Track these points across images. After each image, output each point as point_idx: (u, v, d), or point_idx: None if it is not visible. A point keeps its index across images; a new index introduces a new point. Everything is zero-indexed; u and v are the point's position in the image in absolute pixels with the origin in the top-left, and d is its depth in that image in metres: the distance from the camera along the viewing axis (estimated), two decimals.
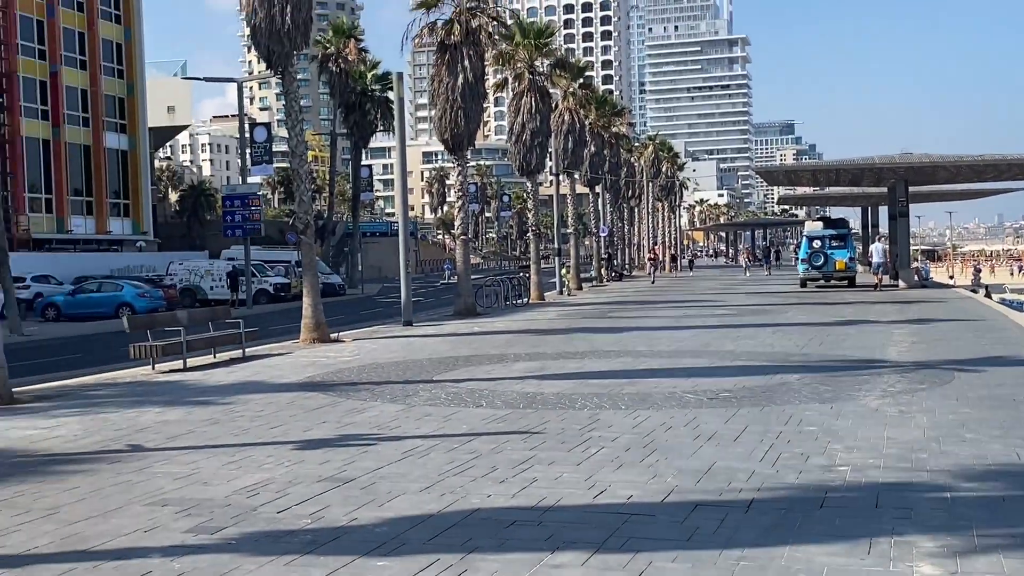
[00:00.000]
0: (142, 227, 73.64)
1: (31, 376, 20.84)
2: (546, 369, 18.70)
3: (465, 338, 26.30)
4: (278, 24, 25.17)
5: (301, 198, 28.06)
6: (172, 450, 11.71)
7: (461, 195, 38.38)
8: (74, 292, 47.17)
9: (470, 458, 10.55)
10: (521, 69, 44.75)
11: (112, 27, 71.02)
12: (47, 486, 9.97)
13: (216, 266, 55.47)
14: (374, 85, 66.88)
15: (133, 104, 72.62)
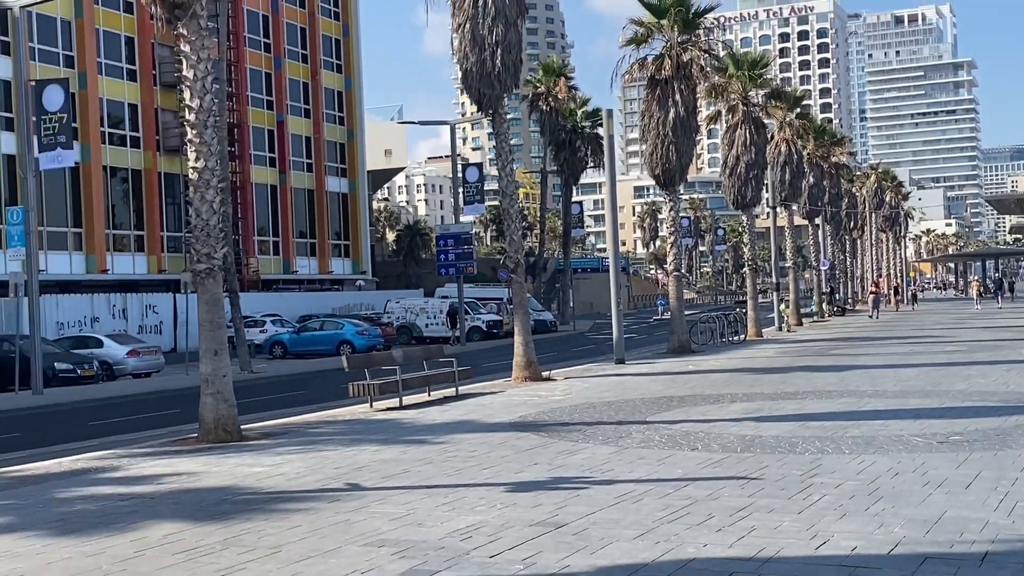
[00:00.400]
0: (361, 266, 75.77)
1: (258, 413, 21.63)
2: (764, 410, 18.17)
3: (679, 377, 25.78)
4: (488, 68, 25.52)
5: (512, 236, 28.30)
6: (388, 489, 11.84)
7: (673, 230, 37.96)
8: (299, 330, 48.75)
9: (685, 504, 10.29)
10: (735, 101, 43.95)
11: (334, 77, 73.60)
12: (271, 524, 10.22)
13: (431, 304, 56.52)
14: (584, 122, 67.09)
15: (353, 149, 74.97)
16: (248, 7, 64.17)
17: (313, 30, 71.29)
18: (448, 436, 16.16)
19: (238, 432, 16.85)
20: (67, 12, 53.12)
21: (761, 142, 44.81)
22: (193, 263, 17.22)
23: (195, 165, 17.07)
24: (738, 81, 43.71)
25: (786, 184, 52.30)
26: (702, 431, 15.64)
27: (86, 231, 54.90)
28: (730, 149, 44.09)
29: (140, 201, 58.67)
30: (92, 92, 54.60)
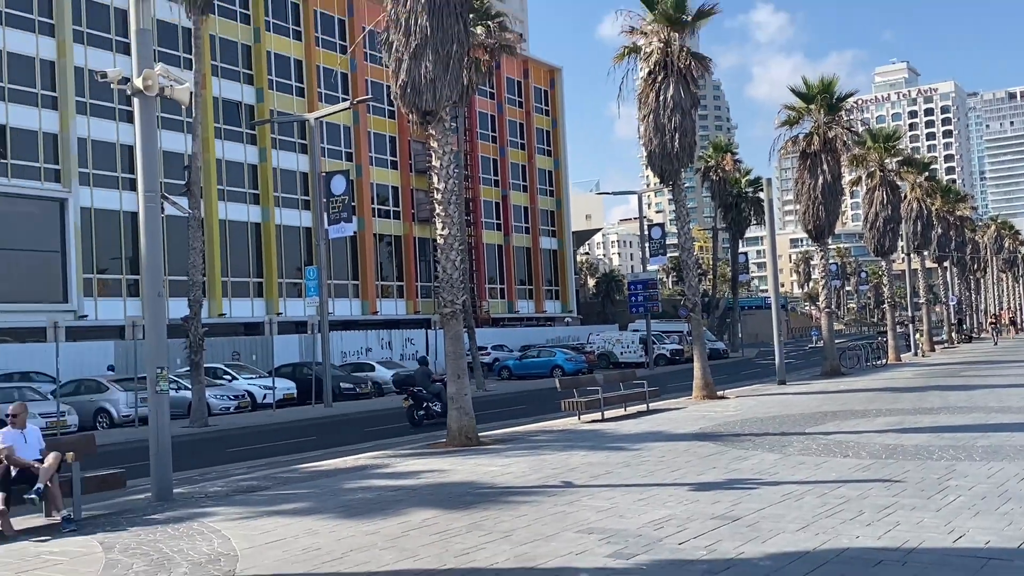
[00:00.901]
0: (568, 307, 76.17)
1: (491, 423, 21.92)
2: (904, 423, 17.36)
3: (832, 395, 24.93)
4: (668, 149, 25.40)
5: (690, 282, 28.03)
6: (595, 487, 11.83)
7: (824, 274, 36.88)
8: (521, 357, 49.30)
9: (839, 503, 9.92)
10: (872, 168, 43.02)
11: (545, 159, 74.61)
12: (503, 513, 10.35)
13: (624, 336, 56.24)
14: (747, 188, 66.03)
15: (560, 215, 75.69)
16: (480, 109, 65.78)
17: (529, 125, 72.56)
18: (642, 444, 16.03)
19: (476, 438, 17.13)
20: (347, 120, 55.64)
21: (896, 201, 43.68)
22: (441, 307, 17.69)
23: (441, 232, 17.58)
24: (875, 152, 42.96)
25: (918, 234, 50.88)
26: (852, 441, 15.05)
27: (361, 283, 57.10)
28: (870, 207, 43.01)
29: (400, 259, 60.71)
30: (365, 179, 56.94)
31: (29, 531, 10.59)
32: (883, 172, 43.05)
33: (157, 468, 12.70)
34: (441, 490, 12.15)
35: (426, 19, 16.26)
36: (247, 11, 51.93)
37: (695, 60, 25.76)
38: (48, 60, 43.07)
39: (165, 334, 13.41)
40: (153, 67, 12.76)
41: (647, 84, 25.76)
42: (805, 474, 11.93)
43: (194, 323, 27.26)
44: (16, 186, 40.98)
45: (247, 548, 9.14)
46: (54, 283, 42.00)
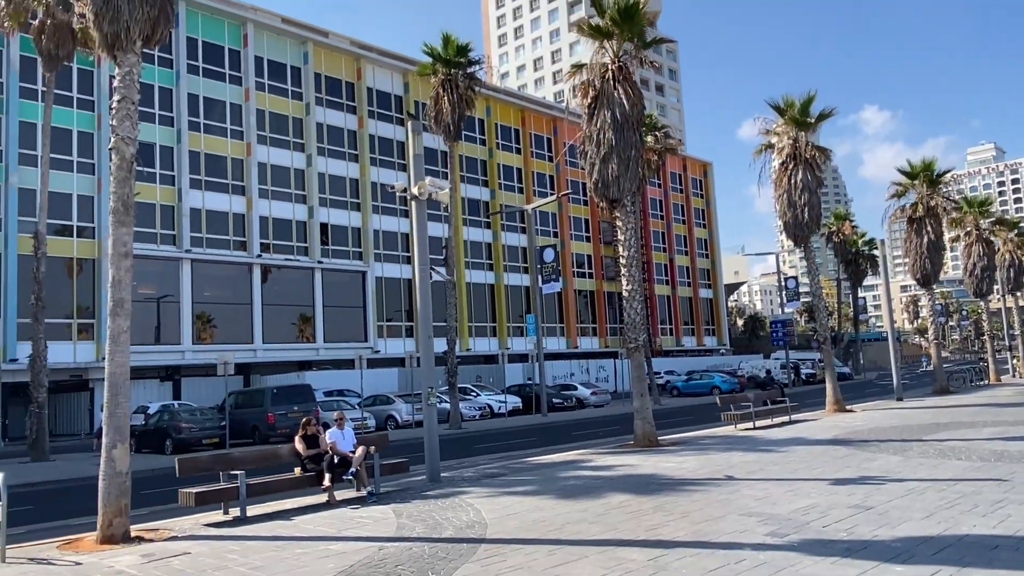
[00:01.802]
0: (722, 341, 73.35)
1: (665, 430, 21.30)
2: (1009, 432, 15.51)
3: (942, 410, 22.63)
4: (800, 220, 24.19)
5: (820, 320, 26.36)
6: (751, 480, 11.26)
7: (932, 313, 33.82)
8: (687, 379, 47.82)
9: (956, 497, 8.97)
10: (969, 228, 39.08)
11: (701, 230, 72.79)
12: (680, 498, 10.03)
13: (768, 364, 53.55)
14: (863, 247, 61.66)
15: (714, 272, 73.41)
16: (650, 195, 65.15)
17: (688, 205, 71.14)
18: (787, 447, 15.13)
19: (656, 441, 16.73)
20: (554, 208, 56.55)
21: (990, 253, 39.48)
22: (627, 343, 17.49)
23: (626, 288, 17.45)
24: (970, 215, 39.08)
25: (1011, 279, 45.60)
26: (964, 446, 13.58)
27: (565, 325, 57.36)
28: (968, 259, 39.06)
29: (593, 308, 60.58)
30: (567, 250, 57.47)
31: (346, 501, 11.21)
32: (978, 231, 39.09)
33: (429, 458, 13.15)
34: (632, 479, 11.93)
35: (612, 134, 16.39)
36: (483, 136, 54.07)
37: (818, 151, 24.50)
38: (354, 178, 46.42)
39: (433, 363, 13.96)
40: (424, 180, 13.50)
41: (781, 171, 24.70)
42: (925, 473, 10.88)
43: (451, 356, 28.21)
44: (335, 264, 44.15)
45: (493, 518, 9.29)
46: (359, 328, 44.72)
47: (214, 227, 40.05)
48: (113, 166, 9.65)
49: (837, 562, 6.46)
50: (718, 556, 6.86)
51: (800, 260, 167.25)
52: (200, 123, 40.23)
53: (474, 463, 16.59)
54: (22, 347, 30.69)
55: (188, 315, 37.89)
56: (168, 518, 10.80)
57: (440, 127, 27.96)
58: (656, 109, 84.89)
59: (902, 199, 31.91)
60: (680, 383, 47.20)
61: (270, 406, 25.10)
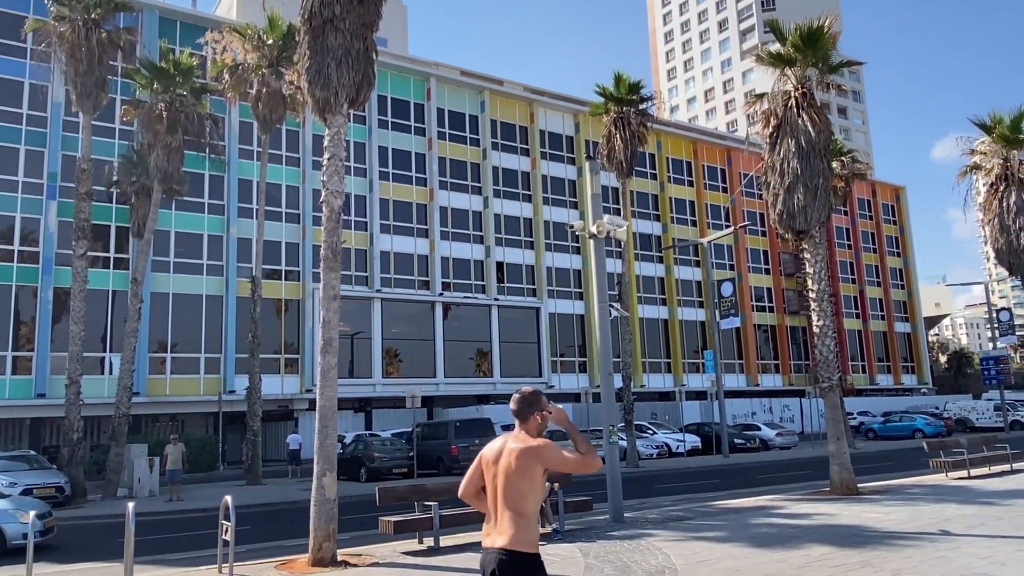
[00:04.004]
0: (923, 379, 66.86)
1: (864, 476, 19.64)
2: None
3: None
4: (1015, 246, 21.72)
5: None
6: (972, 536, 10.06)
7: None
8: (884, 421, 43.98)
9: None
10: None
11: (895, 259, 67.37)
12: (890, 553, 9.17)
13: (979, 404, 48.03)
14: None
15: (911, 303, 67.43)
16: (836, 224, 61.33)
17: (879, 233, 66.12)
18: (1012, 500, 13.41)
19: (855, 489, 15.46)
20: (730, 240, 54.66)
21: None
22: (820, 383, 16.41)
23: (817, 323, 16.46)
24: None
25: None
26: None
27: (745, 361, 54.91)
28: None
29: (775, 343, 57.58)
30: (745, 283, 55.23)
31: None
32: None
33: (613, 497, 13.00)
34: (832, 530, 11.08)
35: (796, 163, 15.68)
36: (654, 170, 53.67)
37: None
38: (527, 218, 47.66)
39: (614, 400, 13.87)
40: (603, 219, 13.60)
41: (990, 193, 22.39)
42: None
43: (627, 392, 27.88)
44: (510, 300, 45.35)
45: (683, 564, 8.99)
46: (533, 363, 45.44)
47: (401, 268, 42.61)
48: (324, 217, 10.57)
49: None
50: None
51: (1012, 290, 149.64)
52: (389, 172, 43.23)
53: (656, 504, 16.20)
54: (239, 380, 34.04)
55: (378, 351, 40.38)
56: (366, 544, 11.43)
57: (612, 164, 28.10)
58: (840, 133, 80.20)
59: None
60: (876, 425, 43.50)
61: (453, 439, 26.00)
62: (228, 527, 9.21)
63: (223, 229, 37.75)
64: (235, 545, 9.42)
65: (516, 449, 3.97)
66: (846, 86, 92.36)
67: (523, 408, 4.08)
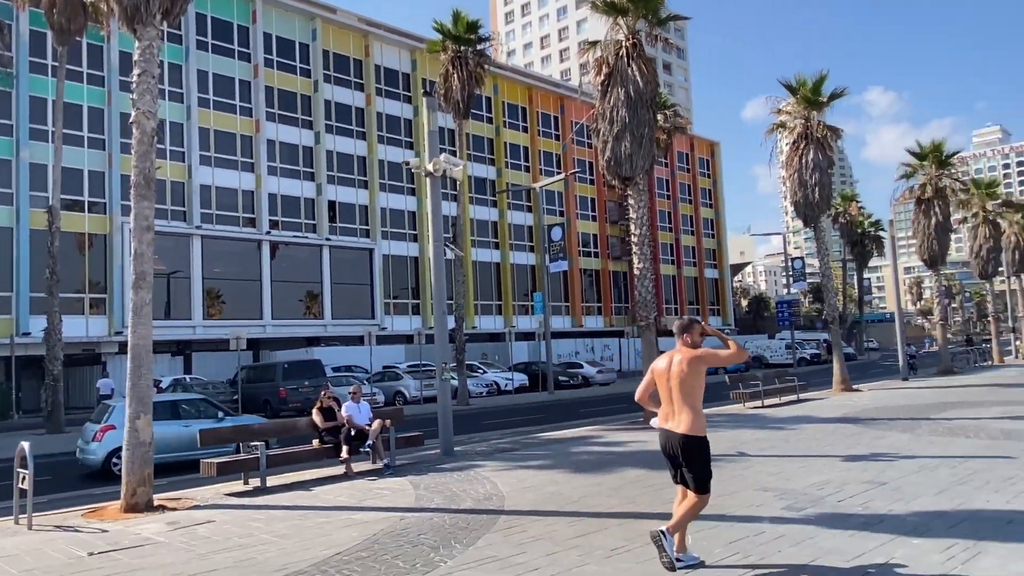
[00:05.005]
0: (727, 321, 73.26)
1: None
2: (1015, 412, 15.53)
3: (948, 389, 22.68)
4: (810, 200, 24.13)
5: (829, 301, 26.38)
6: (764, 456, 11.33)
7: (938, 294, 33.80)
8: None
9: (968, 474, 9.03)
10: (976, 210, 39.04)
11: (708, 210, 72.52)
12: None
13: (773, 343, 53.57)
14: (869, 228, 61.60)
15: (720, 252, 73.21)
16: (657, 175, 64.83)
17: (694, 185, 70.80)
18: (797, 425, 15.20)
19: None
20: (561, 187, 56.36)
21: (997, 235, 39.44)
22: (638, 322, 17.53)
23: (638, 266, 17.47)
24: (978, 197, 38.99)
25: (1016, 261, 45.40)
26: (972, 425, 13.65)
27: (571, 304, 57.37)
28: (975, 240, 39.06)
29: (599, 286, 60.58)
30: (573, 229, 57.31)
31: (363, 473, 11.32)
32: (985, 213, 38.99)
33: (444, 432, 13.26)
34: (645, 455, 12.00)
35: (625, 111, 16.31)
36: (490, 114, 53.78)
37: (829, 131, 24.40)
38: (362, 156, 46.28)
39: (447, 339, 14.03)
40: (440, 157, 13.48)
41: (792, 151, 24.60)
42: (936, 451, 10.94)
43: (459, 333, 28.31)
44: (343, 241, 44.17)
45: (510, 491, 9.39)
46: (366, 306, 44.81)
47: (224, 204, 40.08)
48: (135, 140, 9.66)
49: (855, 535, 6.53)
50: (736, 529, 6.94)
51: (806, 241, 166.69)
52: (210, 99, 40.12)
53: (485, 438, 16.72)
54: (35, 321, 30.87)
55: (199, 291, 38.02)
56: (188, 488, 10.93)
57: (450, 105, 27.84)
58: (664, 88, 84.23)
59: (910, 180, 31.80)
60: None
61: (281, 381, 25.28)
62: (25, 476, 8.44)
63: (11, 152, 33.51)
64: (36, 496, 8.69)
65: (684, 358, 5.66)
66: (672, 40, 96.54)
67: (681, 331, 5.88)
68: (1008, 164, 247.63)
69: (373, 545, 6.97)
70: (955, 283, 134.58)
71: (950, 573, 5.39)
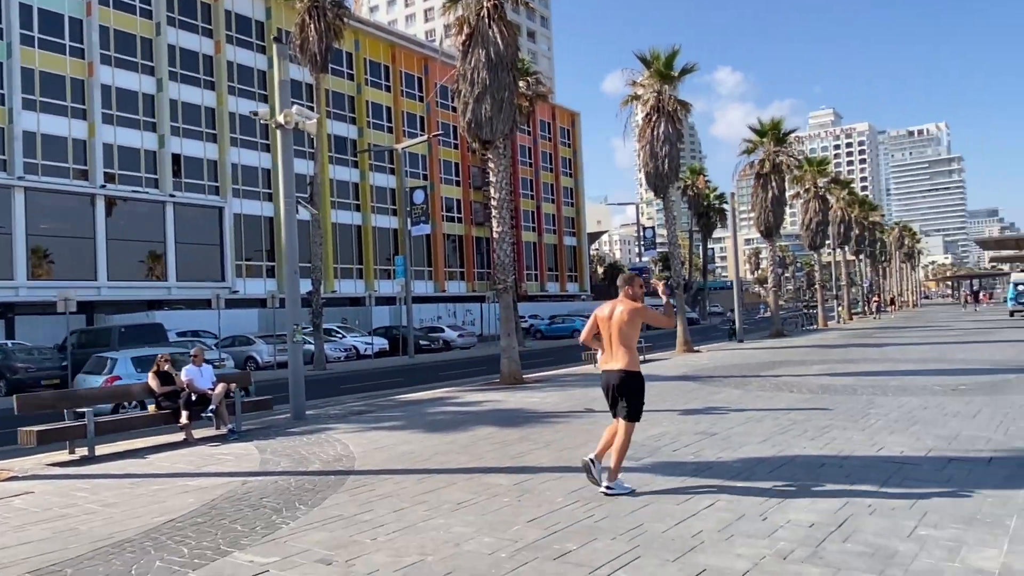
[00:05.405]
0: (584, 287, 75.80)
1: (530, 369, 21.86)
2: (834, 369, 17.13)
3: (778, 350, 24.63)
4: (660, 170, 25.18)
5: (675, 268, 27.79)
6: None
7: (772, 263, 36.45)
8: (550, 323, 49.22)
9: (789, 424, 9.85)
10: (808, 185, 42.15)
11: (568, 179, 74.17)
12: (545, 429, 10.39)
13: None
14: (714, 200, 65.26)
15: (579, 221, 75.26)
16: (520, 143, 65.49)
17: (556, 154, 72.12)
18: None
19: (521, 379, 17.17)
20: (424, 150, 55.70)
21: (825, 209, 42.91)
22: (496, 284, 17.69)
23: (497, 230, 17.56)
24: (810, 173, 42.12)
25: (841, 234, 49.98)
26: (796, 381, 14.90)
27: (434, 269, 57.24)
28: (806, 214, 42.26)
29: (462, 252, 60.73)
30: (437, 193, 56.96)
31: (205, 439, 10.81)
32: (816, 188, 42.29)
33: (294, 395, 12.88)
34: (498, 413, 12.22)
35: (486, 73, 16.22)
36: (351, 70, 52.04)
37: (680, 104, 25.46)
38: (210, 107, 43.50)
39: (299, 301, 13.55)
40: (290, 108, 12.85)
41: (645, 123, 25.51)
42: (762, 404, 11.84)
43: (316, 296, 27.52)
44: (190, 198, 41.51)
45: (361, 452, 9.27)
46: (215, 267, 42.53)
47: (51, 153, 36.51)
48: None
49: (686, 480, 6.95)
50: (580, 479, 7.18)
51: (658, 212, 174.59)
52: (34, 37, 36.19)
53: (340, 402, 16.43)
54: None
55: (22, 249, 34.56)
56: (5, 460, 9.98)
57: (306, 57, 26.62)
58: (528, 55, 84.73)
59: (751, 155, 33.88)
60: (544, 326, 48.49)
61: (118, 345, 23.54)
62: None
63: None
64: None
65: (626, 309, 6.41)
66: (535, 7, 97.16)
67: (624, 284, 6.68)
68: (839, 145, 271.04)
69: (211, 511, 6.65)
70: (788, 254, 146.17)
71: (766, 511, 5.84)
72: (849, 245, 54.12)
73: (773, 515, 5.74)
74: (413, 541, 5.47)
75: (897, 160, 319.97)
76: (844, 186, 52.50)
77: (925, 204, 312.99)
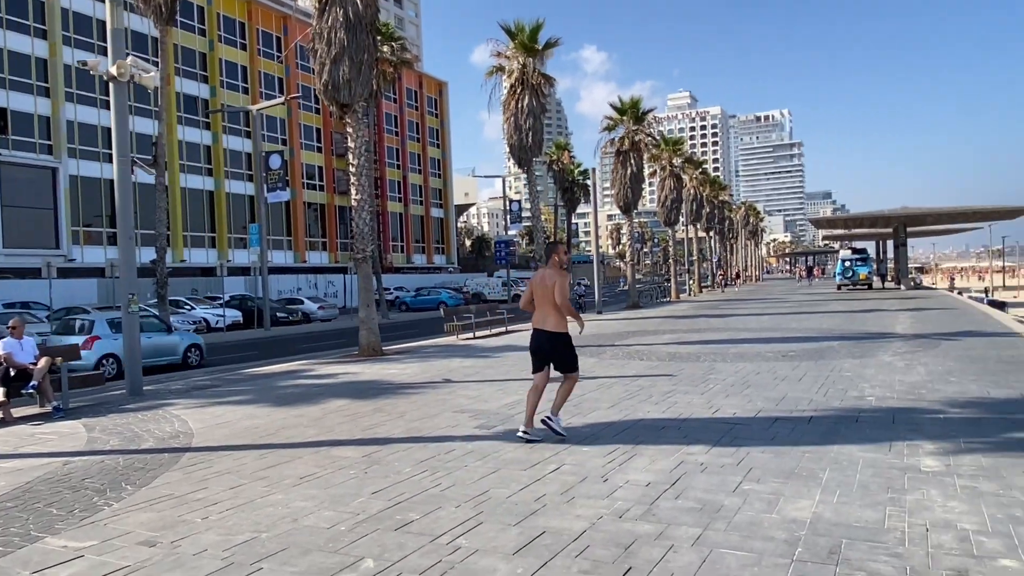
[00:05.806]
0: (451, 259, 75.76)
1: (392, 341, 21.60)
2: (682, 339, 18.02)
3: (633, 321, 25.62)
4: (525, 143, 25.37)
5: (538, 242, 28.22)
6: (467, 382, 11.82)
7: (630, 239, 37.78)
8: (415, 295, 48.83)
9: (637, 390, 10.23)
10: (664, 164, 43.86)
11: (435, 150, 73.48)
12: (400, 400, 10.25)
13: (491, 281, 56.44)
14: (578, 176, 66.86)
15: (446, 192, 74.89)
16: (386, 110, 64.08)
17: (423, 124, 71.18)
18: (501, 354, 16.10)
19: (381, 351, 16.88)
20: (283, 113, 53.32)
21: (679, 188, 44.70)
22: (355, 254, 17.22)
23: (356, 197, 17.04)
24: (666, 152, 43.84)
25: (693, 212, 52.54)
26: (646, 350, 15.53)
27: (293, 238, 55.21)
28: (662, 191, 43.95)
29: (324, 221, 58.91)
30: (297, 159, 54.80)
31: (26, 418, 9.88)
32: (671, 167, 44.03)
33: (130, 369, 12.00)
34: (353, 386, 11.94)
35: (343, 33, 15.59)
36: (203, 26, 48.78)
37: (544, 78, 25.68)
38: (41, 58, 39.47)
39: (135, 268, 12.60)
40: (125, 59, 11.80)
41: (510, 95, 25.55)
42: (614, 372, 12.25)
43: (160, 265, 25.78)
44: (18, 157, 37.62)
45: (201, 428, 8.77)
46: (48, 233, 38.96)
47: None
48: None
49: (535, 447, 7.05)
50: (430, 448, 7.13)
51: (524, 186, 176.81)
52: None
53: (185, 376, 15.51)
54: None
55: None
56: None
57: (150, 7, 24.59)
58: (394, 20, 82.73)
59: (612, 133, 34.82)
60: (409, 299, 48.04)
61: None
62: None
63: None
64: None
65: (553, 274, 7.21)
66: None
67: (548, 253, 7.61)
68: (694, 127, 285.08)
69: (24, 494, 6.06)
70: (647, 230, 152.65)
71: (608, 473, 6.02)
72: (701, 222, 57.03)
73: (614, 476, 5.93)
74: (248, 518, 5.21)
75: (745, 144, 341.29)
76: (697, 166, 55.09)
77: (769, 186, 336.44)
